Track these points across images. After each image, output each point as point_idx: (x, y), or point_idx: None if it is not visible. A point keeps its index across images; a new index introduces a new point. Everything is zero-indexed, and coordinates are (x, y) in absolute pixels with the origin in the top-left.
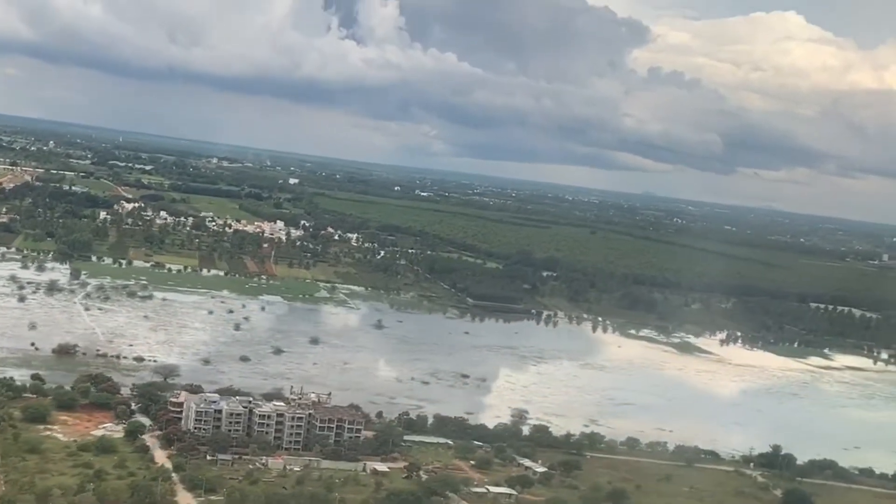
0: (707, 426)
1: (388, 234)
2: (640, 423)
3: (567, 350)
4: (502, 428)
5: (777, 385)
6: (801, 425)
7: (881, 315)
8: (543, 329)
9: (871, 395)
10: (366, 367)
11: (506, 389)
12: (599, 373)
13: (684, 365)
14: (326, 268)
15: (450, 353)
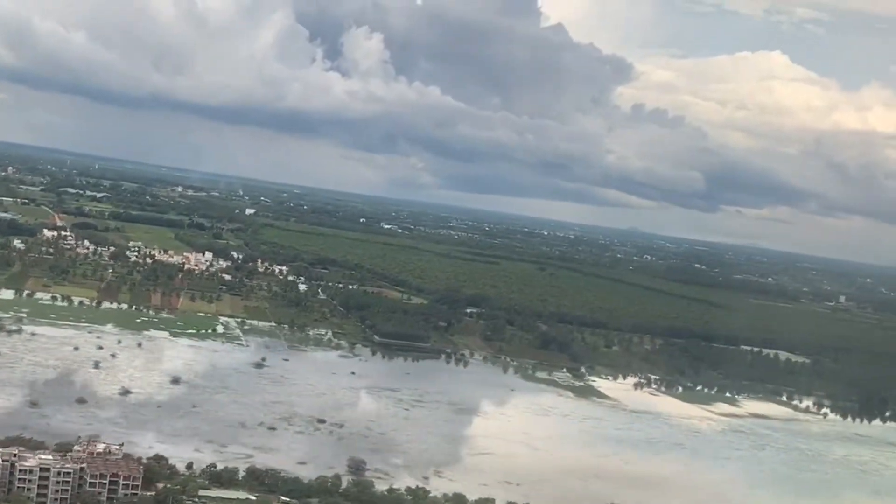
0: (564, 482)
1: (322, 266)
2: (492, 475)
3: (452, 393)
4: (321, 481)
5: (663, 435)
6: (663, 482)
7: (811, 360)
8: (444, 370)
9: (763, 446)
10: (214, 411)
11: (359, 436)
12: (472, 419)
13: (572, 411)
14: (238, 301)
15: (320, 395)
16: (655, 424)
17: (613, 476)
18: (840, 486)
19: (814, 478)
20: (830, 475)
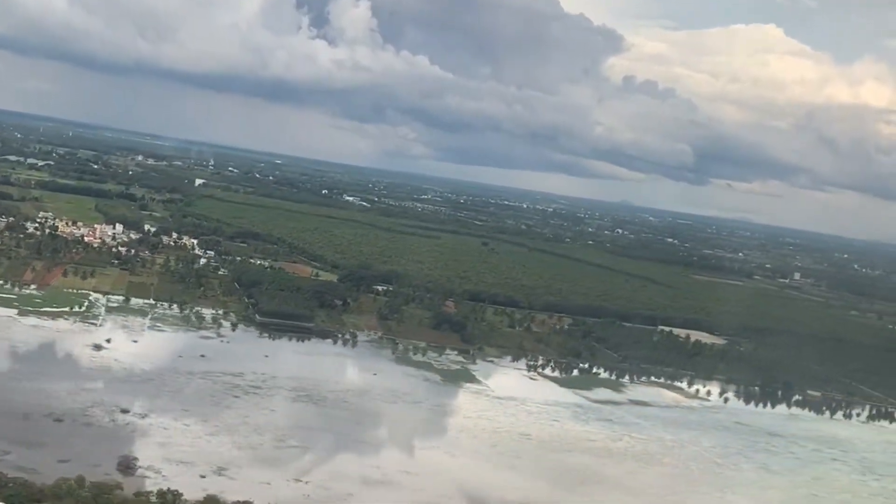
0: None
1: (242, 240)
2: (284, 472)
3: (302, 379)
4: (59, 483)
5: (511, 424)
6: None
7: (728, 341)
8: (318, 352)
9: (621, 437)
10: (4, 400)
11: (158, 429)
12: (304, 408)
13: (425, 398)
14: (124, 277)
15: (146, 380)
16: (511, 412)
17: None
18: (670, 482)
19: (646, 474)
20: (673, 471)
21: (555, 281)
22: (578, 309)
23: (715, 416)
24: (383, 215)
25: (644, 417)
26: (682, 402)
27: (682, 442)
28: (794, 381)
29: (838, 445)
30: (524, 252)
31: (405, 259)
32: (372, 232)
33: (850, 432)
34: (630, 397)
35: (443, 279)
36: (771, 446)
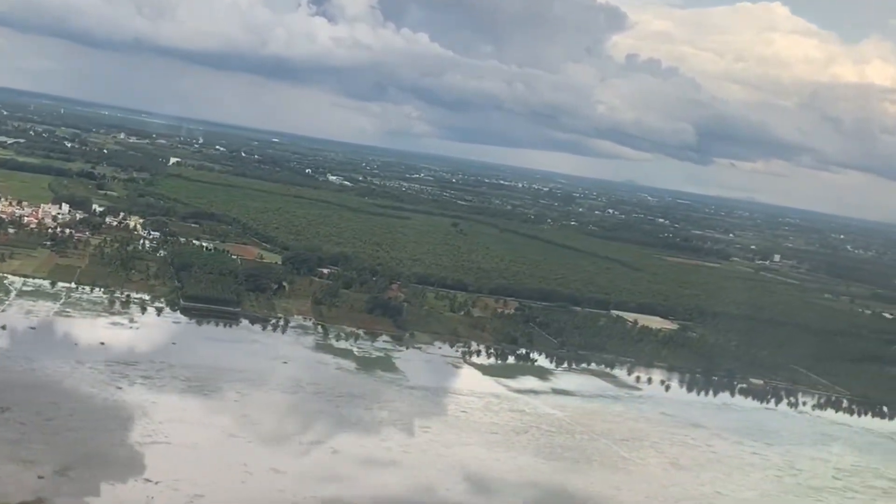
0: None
1: (194, 221)
2: (133, 470)
3: (203, 367)
4: None
5: (406, 415)
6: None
7: (680, 326)
8: (238, 338)
9: (525, 430)
10: None
11: (14, 424)
12: (185, 400)
13: (331, 388)
14: (52, 258)
15: (26, 370)
16: (417, 403)
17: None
18: (562, 478)
19: (540, 469)
20: (571, 465)
21: (514, 264)
22: (530, 293)
23: (640, 405)
24: (360, 195)
25: (561, 408)
26: (609, 391)
27: (594, 434)
28: (739, 368)
29: (764, 437)
30: (494, 233)
31: (362, 241)
32: (338, 212)
33: (781, 423)
34: (555, 386)
35: (394, 262)
36: (689, 439)
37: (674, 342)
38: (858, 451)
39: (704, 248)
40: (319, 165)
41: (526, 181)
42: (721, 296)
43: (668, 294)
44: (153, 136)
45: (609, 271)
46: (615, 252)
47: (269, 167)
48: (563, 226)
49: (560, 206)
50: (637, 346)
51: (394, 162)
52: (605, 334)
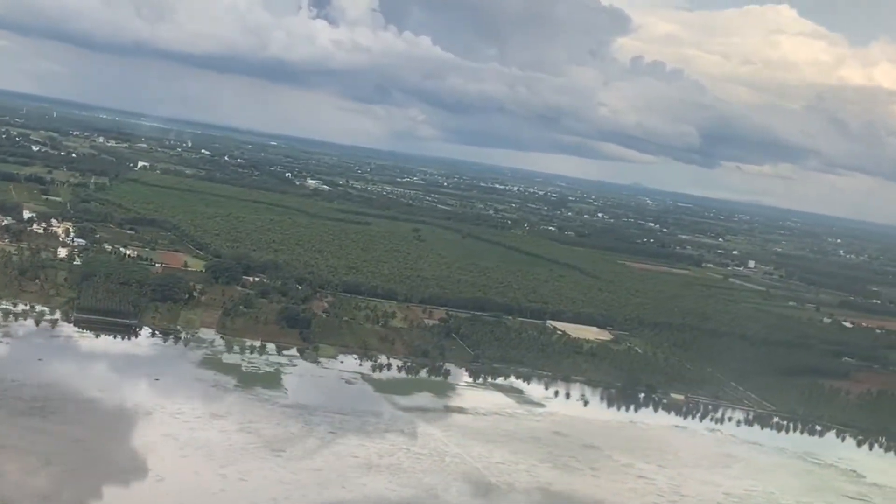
0: None
1: (131, 227)
2: None
3: (59, 386)
4: None
5: (269, 436)
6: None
7: (614, 337)
8: (121, 351)
9: (393, 453)
10: None
11: None
12: (22, 420)
13: (187, 406)
14: None
15: None
16: (284, 423)
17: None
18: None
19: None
20: (410, 491)
21: (460, 271)
22: (465, 302)
23: (536, 423)
24: (329, 200)
25: (446, 427)
26: (507, 409)
27: (470, 458)
28: (661, 382)
29: (660, 459)
30: (457, 239)
31: (305, 248)
32: (294, 218)
33: (686, 443)
34: (450, 403)
35: (329, 270)
36: (574, 461)
37: (599, 354)
38: (759, 473)
39: (680, 253)
40: (308, 169)
41: (524, 184)
42: (671, 304)
43: (615, 303)
44: (141, 139)
45: (562, 279)
46: (580, 258)
47: (247, 171)
48: (536, 231)
49: (548, 210)
50: (559, 359)
51: (390, 165)
52: (527, 346)
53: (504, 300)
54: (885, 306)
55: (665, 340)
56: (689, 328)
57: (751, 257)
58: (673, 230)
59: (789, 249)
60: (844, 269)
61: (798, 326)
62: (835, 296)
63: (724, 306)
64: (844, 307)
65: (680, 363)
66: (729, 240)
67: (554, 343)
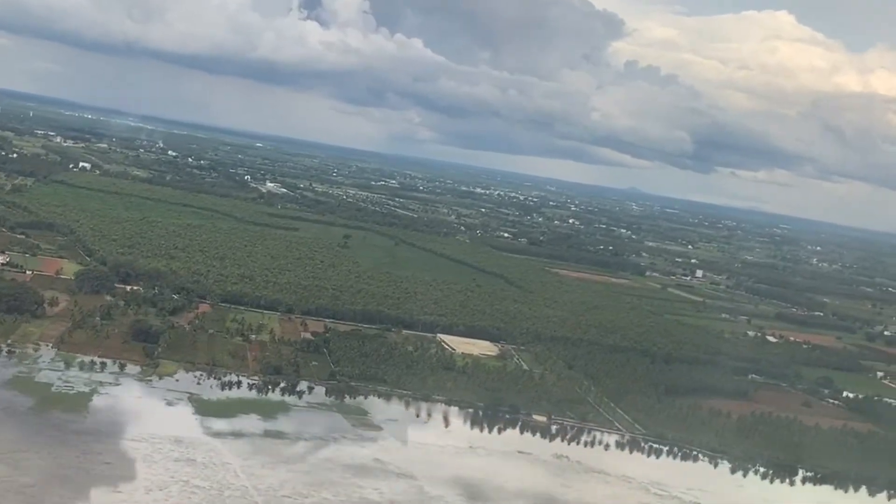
0: None
1: (22, 231)
2: None
3: None
4: None
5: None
6: None
7: (500, 352)
8: None
9: (118, 490)
10: None
11: None
12: None
13: None
14: None
15: None
16: (61, 452)
17: None
18: None
19: None
20: None
21: (365, 281)
22: (354, 314)
23: (358, 451)
24: (269, 204)
25: (250, 455)
26: (336, 433)
27: (251, 491)
28: (529, 401)
29: (474, 490)
30: (388, 247)
31: (206, 254)
32: (219, 223)
33: (514, 472)
34: (272, 427)
35: (218, 278)
36: (375, 494)
37: (470, 372)
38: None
39: (627, 262)
40: (279, 171)
41: (510, 188)
42: (584, 317)
43: (520, 315)
44: (110, 139)
45: (477, 289)
46: (512, 267)
47: (204, 174)
48: (487, 237)
49: (518, 216)
50: (425, 377)
51: (373, 168)
52: (396, 363)
53: (398, 312)
54: (826, 319)
55: (557, 356)
56: (588, 343)
57: (712, 266)
58: (643, 237)
59: (760, 258)
60: (808, 278)
61: (713, 341)
62: (777, 307)
63: (642, 319)
64: (780, 320)
65: (561, 381)
66: (699, 247)
67: (427, 359)
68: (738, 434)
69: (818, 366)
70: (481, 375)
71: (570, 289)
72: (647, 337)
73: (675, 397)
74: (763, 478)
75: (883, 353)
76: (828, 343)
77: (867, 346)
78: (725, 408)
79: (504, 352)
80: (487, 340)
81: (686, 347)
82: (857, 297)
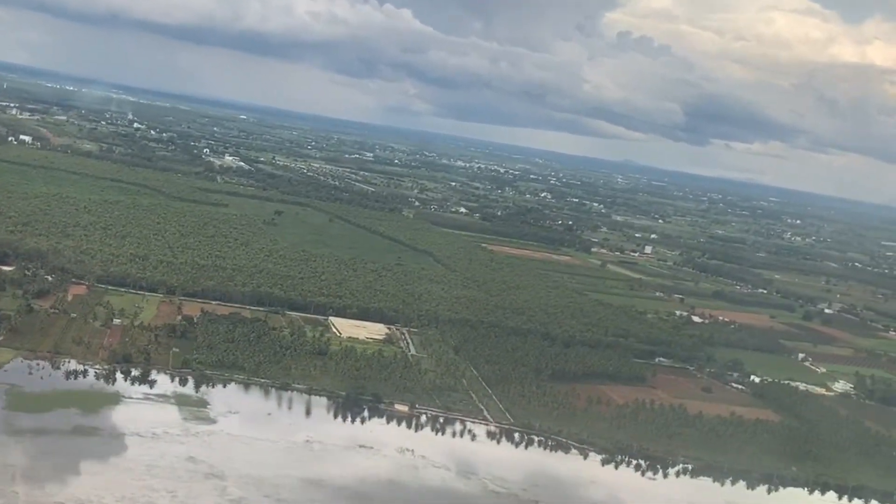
0: None
1: None
2: None
3: None
4: None
5: None
6: None
7: (388, 336)
8: None
9: None
10: None
11: None
12: None
13: None
14: None
15: None
16: None
17: None
18: None
19: None
20: None
21: (274, 261)
22: (242, 296)
23: (177, 447)
24: (208, 179)
25: (42, 455)
26: (160, 428)
27: (21, 497)
28: (395, 390)
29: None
30: (320, 223)
31: (107, 233)
32: (144, 199)
33: (342, 466)
34: (90, 423)
35: (105, 258)
36: (157, 497)
37: (339, 358)
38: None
39: (573, 238)
40: (248, 144)
41: (495, 161)
42: (497, 297)
43: (427, 295)
44: (81, 111)
45: (396, 269)
46: (445, 245)
47: (161, 147)
48: (426, 213)
49: (488, 190)
50: (290, 364)
51: (354, 140)
52: (261, 349)
53: (292, 294)
54: (768, 297)
55: (448, 339)
56: (488, 326)
57: (672, 242)
58: (615, 211)
59: (731, 232)
60: (771, 253)
61: (629, 323)
62: (720, 284)
63: (560, 299)
64: (717, 298)
65: (440, 367)
66: (670, 221)
67: (301, 345)
68: (614, 423)
69: (738, 347)
70: (353, 362)
71: (499, 267)
72: (556, 319)
73: (563, 383)
74: (636, 470)
75: (815, 332)
76: (759, 322)
77: (801, 325)
78: (616, 394)
79: (393, 335)
80: (382, 323)
81: (595, 330)
82: (813, 274)
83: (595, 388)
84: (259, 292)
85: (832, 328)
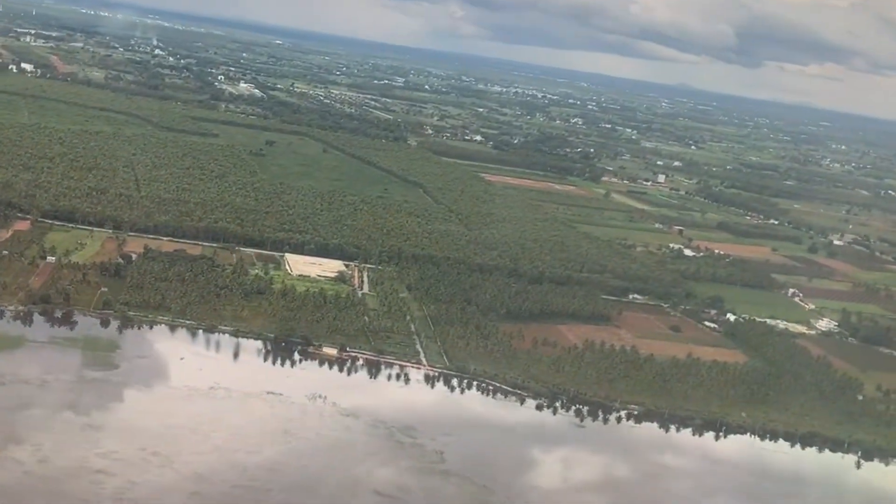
0: None
1: None
2: None
3: None
4: None
5: None
6: None
7: (339, 274)
8: None
9: None
10: None
11: None
12: None
13: None
14: None
15: None
16: None
17: None
18: None
19: None
20: None
21: (243, 194)
22: (197, 232)
23: (36, 393)
24: (209, 108)
25: None
26: (41, 376)
27: None
28: (326, 332)
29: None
30: (313, 154)
31: (72, 166)
32: (130, 129)
33: (235, 416)
34: None
35: (59, 193)
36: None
37: (273, 299)
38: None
39: (584, 167)
40: (270, 72)
41: (536, 86)
42: (475, 232)
43: (394, 231)
44: (105, 37)
45: (375, 202)
46: (440, 176)
47: (174, 74)
48: (434, 142)
49: (516, 117)
50: (222, 305)
51: (389, 65)
52: (196, 288)
53: (249, 230)
54: (778, 228)
55: (407, 277)
56: (451, 262)
57: (696, 169)
58: (647, 136)
59: (766, 159)
60: (798, 181)
61: (611, 257)
62: (730, 214)
63: (544, 233)
64: (721, 230)
65: (386, 306)
66: (703, 147)
67: (241, 284)
68: (555, 367)
69: (725, 282)
70: (290, 302)
71: (490, 199)
72: (530, 254)
73: (516, 323)
74: (577, 416)
75: (815, 265)
76: (759, 255)
77: (804, 258)
78: (572, 334)
79: (346, 273)
80: (341, 260)
81: (569, 265)
82: (837, 203)
83: (550, 328)
84: (214, 228)
85: (836, 261)
